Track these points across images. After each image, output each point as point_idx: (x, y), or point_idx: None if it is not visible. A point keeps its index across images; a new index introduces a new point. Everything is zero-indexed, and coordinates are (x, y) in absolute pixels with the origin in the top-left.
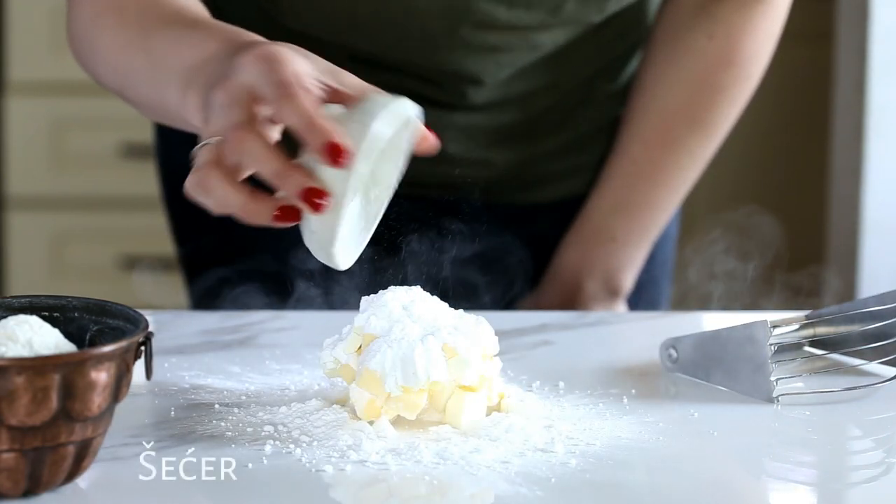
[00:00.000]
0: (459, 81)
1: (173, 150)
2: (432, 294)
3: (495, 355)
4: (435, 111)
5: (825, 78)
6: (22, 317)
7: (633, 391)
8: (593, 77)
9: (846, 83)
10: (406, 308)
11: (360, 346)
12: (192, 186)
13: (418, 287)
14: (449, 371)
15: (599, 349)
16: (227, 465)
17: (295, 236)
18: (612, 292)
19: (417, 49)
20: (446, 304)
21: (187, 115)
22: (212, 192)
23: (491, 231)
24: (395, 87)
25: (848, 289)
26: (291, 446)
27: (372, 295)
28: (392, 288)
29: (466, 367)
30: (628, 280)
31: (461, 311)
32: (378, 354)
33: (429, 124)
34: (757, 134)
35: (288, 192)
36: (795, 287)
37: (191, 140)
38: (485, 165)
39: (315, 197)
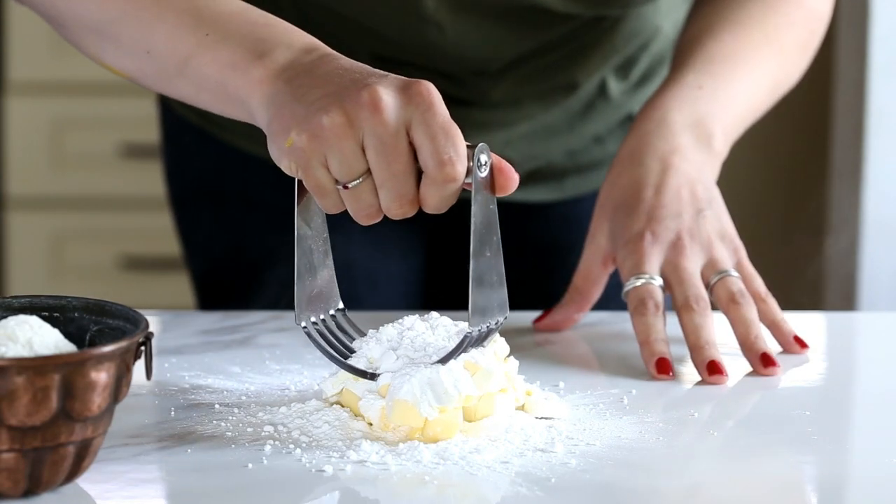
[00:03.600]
0: (477, 74)
1: (180, 149)
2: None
3: (508, 355)
4: (453, 108)
5: (825, 78)
6: (22, 317)
7: (633, 391)
8: (606, 75)
9: (846, 83)
10: (398, 342)
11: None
12: (304, 151)
13: (388, 326)
14: (477, 385)
15: (599, 349)
16: (228, 465)
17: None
18: (701, 138)
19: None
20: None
21: (238, 81)
22: (338, 155)
23: (507, 229)
24: None
25: (848, 289)
26: (291, 446)
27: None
28: (370, 334)
29: (491, 377)
30: (719, 130)
31: (447, 319)
32: (405, 385)
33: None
34: (757, 134)
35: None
36: (796, 287)
37: (200, 141)
38: None
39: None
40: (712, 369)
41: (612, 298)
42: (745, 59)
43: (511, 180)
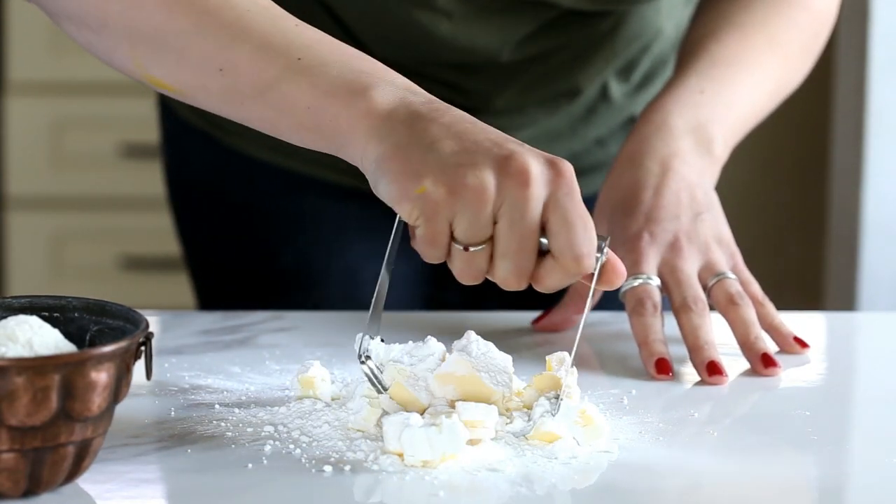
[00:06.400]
0: (477, 75)
1: (182, 151)
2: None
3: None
4: None
5: (825, 78)
6: (22, 317)
7: (633, 391)
8: (608, 79)
9: (846, 83)
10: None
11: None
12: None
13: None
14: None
15: (599, 349)
16: (228, 465)
17: (303, 240)
18: (701, 143)
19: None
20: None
21: (339, 111)
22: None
23: None
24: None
25: (848, 289)
26: (291, 446)
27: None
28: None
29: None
30: (719, 135)
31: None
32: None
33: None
34: (757, 135)
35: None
36: (796, 287)
37: (202, 143)
38: None
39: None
40: (712, 370)
41: (613, 298)
42: (748, 63)
43: (620, 278)
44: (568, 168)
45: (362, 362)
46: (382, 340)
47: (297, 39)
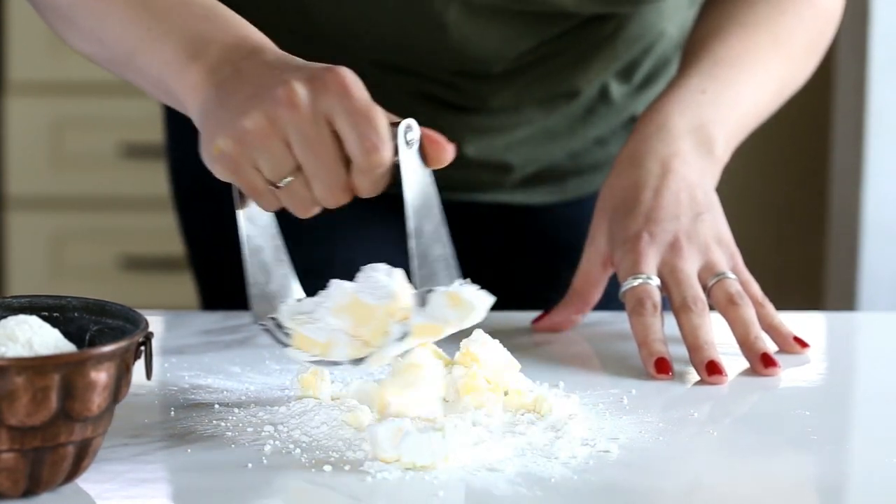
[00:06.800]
0: (476, 78)
1: (187, 148)
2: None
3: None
4: (453, 114)
5: (825, 78)
6: (22, 317)
7: (633, 391)
8: (608, 80)
9: (846, 83)
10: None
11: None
12: (231, 149)
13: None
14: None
15: (599, 349)
16: (228, 465)
17: (308, 235)
18: (702, 143)
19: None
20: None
21: (175, 84)
22: (267, 156)
23: (509, 231)
24: (414, 89)
25: (848, 289)
26: (291, 446)
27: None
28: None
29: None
30: (720, 135)
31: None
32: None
33: (443, 128)
34: (757, 135)
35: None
36: (796, 288)
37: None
38: (502, 168)
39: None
40: (711, 369)
41: (613, 298)
42: (751, 63)
43: (444, 150)
44: (337, 74)
45: (259, 323)
46: (300, 300)
47: (153, 7)
